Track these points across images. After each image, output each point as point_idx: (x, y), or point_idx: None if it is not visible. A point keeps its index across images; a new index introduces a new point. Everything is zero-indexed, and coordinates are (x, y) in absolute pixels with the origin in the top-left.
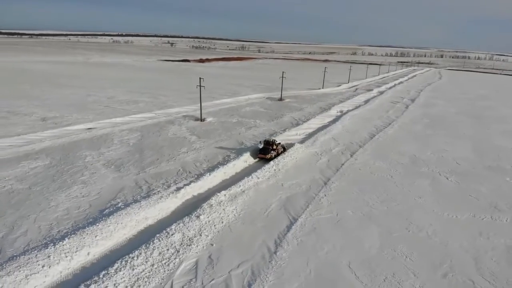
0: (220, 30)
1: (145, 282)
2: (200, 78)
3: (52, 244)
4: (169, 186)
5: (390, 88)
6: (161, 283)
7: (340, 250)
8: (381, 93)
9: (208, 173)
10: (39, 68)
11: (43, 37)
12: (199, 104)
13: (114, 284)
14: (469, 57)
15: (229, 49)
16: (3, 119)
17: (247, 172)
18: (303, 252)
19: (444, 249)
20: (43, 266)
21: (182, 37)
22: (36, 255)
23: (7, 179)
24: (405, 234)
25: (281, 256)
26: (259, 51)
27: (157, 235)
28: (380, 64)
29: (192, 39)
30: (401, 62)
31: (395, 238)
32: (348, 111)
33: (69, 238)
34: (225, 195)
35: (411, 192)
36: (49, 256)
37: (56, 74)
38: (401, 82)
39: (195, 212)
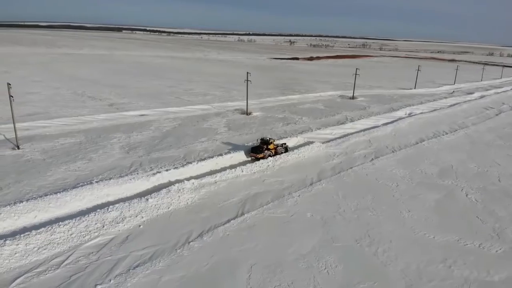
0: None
1: (53, 247)
2: (247, 73)
3: (12, 204)
4: (151, 170)
5: (500, 92)
6: (64, 250)
7: (257, 250)
8: (482, 97)
9: (196, 162)
10: (154, 62)
11: (179, 35)
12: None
13: (26, 244)
14: None
15: (349, 47)
16: (80, 102)
17: (241, 164)
18: (217, 246)
19: (379, 269)
20: None
21: (304, 35)
22: None
23: (35, 150)
24: (349, 245)
25: (192, 246)
26: (380, 49)
27: (98, 210)
28: (504, 66)
29: (314, 38)
30: None
31: (332, 248)
32: (419, 113)
33: (27, 201)
34: (193, 183)
35: (405, 204)
36: (0, 213)
37: (162, 68)
38: None
39: (148, 195)
